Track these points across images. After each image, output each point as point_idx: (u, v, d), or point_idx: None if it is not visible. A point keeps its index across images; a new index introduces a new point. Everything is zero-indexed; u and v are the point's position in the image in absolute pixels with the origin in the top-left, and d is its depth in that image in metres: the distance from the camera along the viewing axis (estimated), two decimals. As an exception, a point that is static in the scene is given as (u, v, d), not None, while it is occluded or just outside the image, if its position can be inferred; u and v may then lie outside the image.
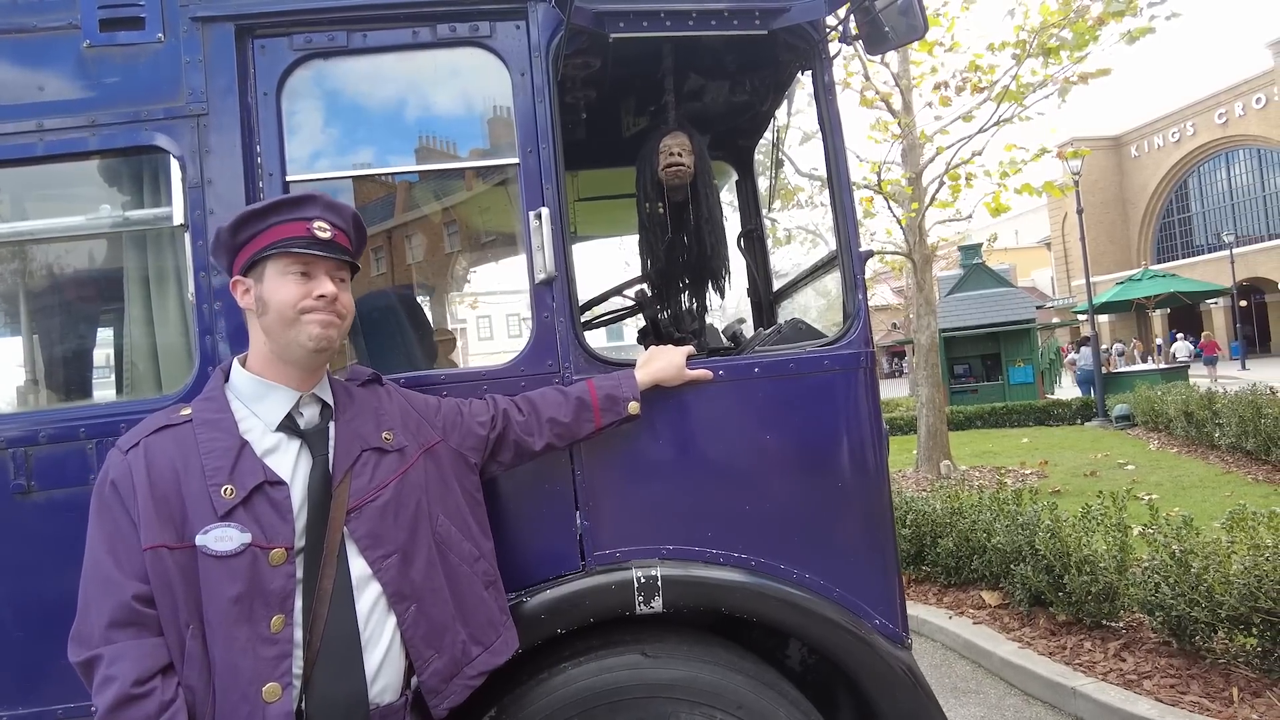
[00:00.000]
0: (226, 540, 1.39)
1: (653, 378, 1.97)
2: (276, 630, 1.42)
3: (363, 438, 1.62)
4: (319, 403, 1.62)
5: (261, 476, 1.47)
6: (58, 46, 1.98)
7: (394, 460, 1.64)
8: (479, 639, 1.71)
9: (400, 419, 1.72)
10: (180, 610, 1.39)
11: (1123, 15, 8.45)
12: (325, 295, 1.53)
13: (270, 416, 1.55)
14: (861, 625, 2.05)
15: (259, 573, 1.41)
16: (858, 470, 2.09)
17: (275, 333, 1.53)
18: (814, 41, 2.21)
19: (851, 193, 2.22)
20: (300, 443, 1.55)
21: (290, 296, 1.51)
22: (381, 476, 1.61)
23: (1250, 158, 38.05)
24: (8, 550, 1.89)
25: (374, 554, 1.54)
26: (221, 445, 1.47)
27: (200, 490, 1.42)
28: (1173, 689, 3.64)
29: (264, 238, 1.53)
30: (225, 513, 1.41)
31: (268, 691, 1.39)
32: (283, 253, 1.52)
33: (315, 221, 1.54)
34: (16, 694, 1.89)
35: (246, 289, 1.56)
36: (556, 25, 2.04)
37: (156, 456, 1.45)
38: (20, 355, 2.34)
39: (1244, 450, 9.47)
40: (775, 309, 3.34)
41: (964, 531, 5.40)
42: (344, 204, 1.63)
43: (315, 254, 1.53)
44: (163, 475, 1.43)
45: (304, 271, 1.53)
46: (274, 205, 1.55)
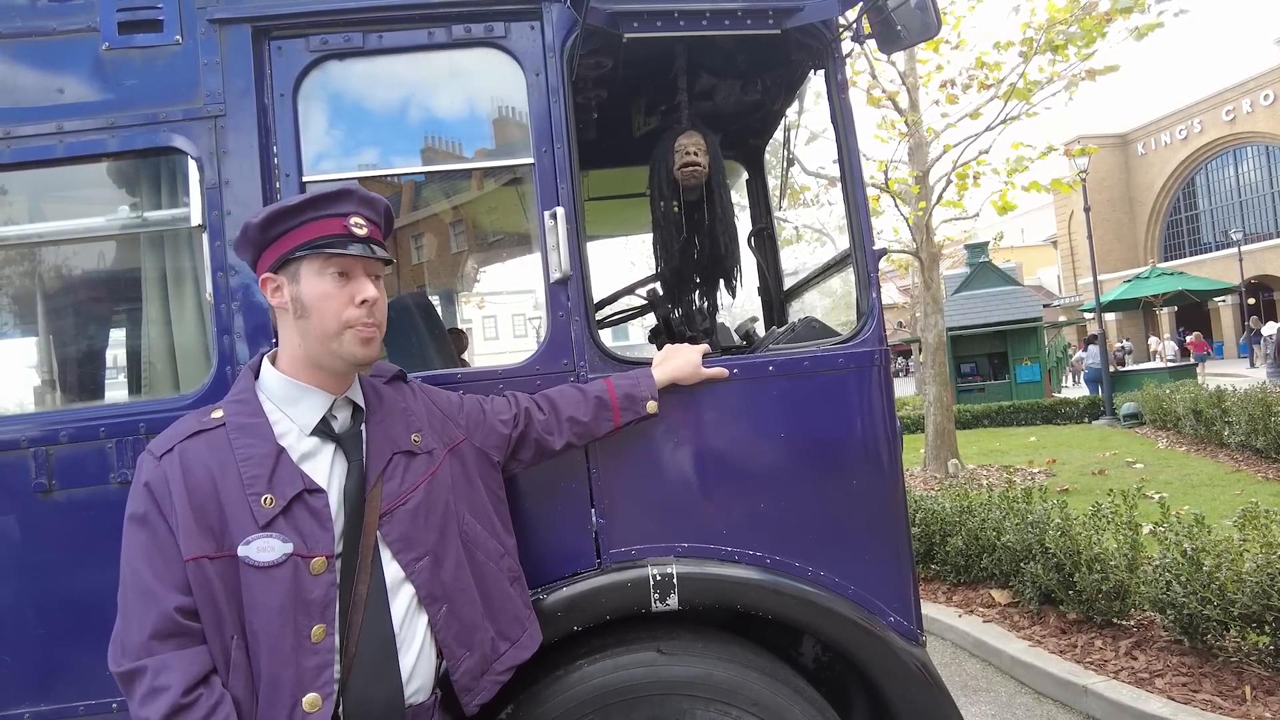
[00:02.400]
0: (269, 551, 1.37)
1: (670, 376, 1.97)
2: (318, 640, 1.40)
3: (393, 441, 1.60)
4: (351, 405, 1.59)
5: (301, 485, 1.44)
6: (77, 49, 2.00)
7: (423, 462, 1.63)
8: (506, 634, 1.72)
9: (427, 418, 1.72)
10: (225, 621, 1.37)
11: (1130, 12, 8.44)
12: (368, 300, 1.49)
13: (304, 420, 1.51)
14: (876, 622, 2.05)
15: (301, 582, 1.40)
16: (872, 468, 2.09)
17: (314, 339, 1.49)
18: (827, 40, 2.21)
19: (865, 190, 2.22)
20: (335, 447, 1.53)
21: (335, 307, 1.47)
22: (411, 479, 1.60)
23: (1258, 155, 37.84)
24: (30, 548, 1.91)
25: (406, 557, 1.54)
26: (258, 452, 1.43)
27: (239, 499, 1.39)
28: (1185, 687, 3.64)
29: (298, 234, 1.47)
30: (266, 523, 1.38)
31: (308, 702, 1.38)
32: (319, 253, 1.47)
33: (352, 217, 1.49)
34: (39, 690, 1.91)
35: (278, 286, 1.51)
36: (571, 26, 2.05)
37: (192, 464, 1.41)
38: (40, 355, 2.37)
39: (1254, 449, 9.42)
40: (786, 307, 3.35)
41: (973, 530, 5.40)
42: (377, 196, 1.58)
43: (355, 255, 1.48)
44: (199, 483, 1.40)
45: (342, 272, 1.49)
46: (309, 201, 1.48)
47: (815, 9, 2.11)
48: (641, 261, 19.39)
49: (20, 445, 1.92)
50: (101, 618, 1.92)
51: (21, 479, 1.92)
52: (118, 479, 1.93)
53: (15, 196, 2.15)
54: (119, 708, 1.92)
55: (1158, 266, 27.67)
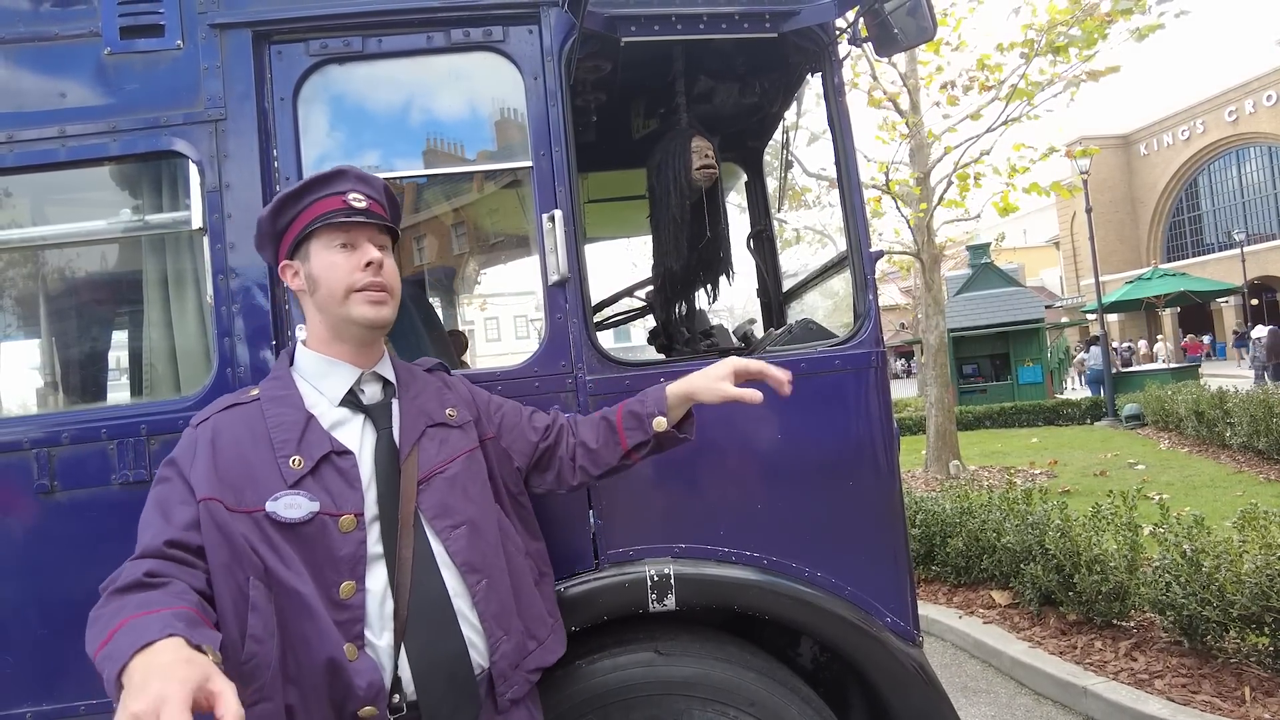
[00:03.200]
0: (296, 508, 1.42)
1: (683, 390, 1.74)
2: (347, 596, 1.43)
3: (427, 413, 1.64)
4: (380, 380, 1.64)
5: (328, 446, 1.50)
6: (79, 54, 2.01)
7: (460, 436, 1.67)
8: (533, 633, 1.70)
9: (463, 403, 1.75)
10: (241, 562, 1.38)
11: (1131, 13, 8.44)
12: (372, 262, 1.54)
13: (333, 392, 1.58)
14: (873, 623, 2.06)
15: (329, 539, 1.44)
16: (869, 469, 2.10)
17: (328, 309, 1.56)
18: (824, 44, 2.22)
19: (861, 193, 2.23)
20: (364, 417, 1.58)
21: (339, 274, 1.54)
22: (449, 451, 1.63)
23: (1261, 155, 37.81)
24: (32, 549, 1.92)
25: (442, 523, 1.55)
26: (289, 419, 1.51)
27: (269, 461, 1.46)
28: (1184, 689, 3.64)
29: (303, 217, 1.56)
30: (294, 482, 1.44)
31: (348, 650, 1.42)
32: (324, 226, 1.55)
33: (349, 193, 1.56)
34: (40, 690, 1.92)
35: (295, 271, 1.59)
36: (569, 29, 2.07)
37: (223, 431, 1.50)
38: (42, 357, 2.38)
39: (1256, 450, 9.42)
40: (785, 309, 3.36)
41: (974, 531, 5.40)
42: (373, 175, 1.64)
43: (355, 221, 1.55)
44: (228, 446, 1.47)
45: (346, 243, 1.56)
46: (308, 184, 1.57)
47: (812, 13, 2.12)
48: (644, 263, 19.42)
49: (22, 446, 1.94)
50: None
51: (23, 480, 1.93)
52: (119, 480, 1.94)
53: (18, 200, 2.16)
54: (120, 707, 1.93)
55: (1160, 267, 27.65)
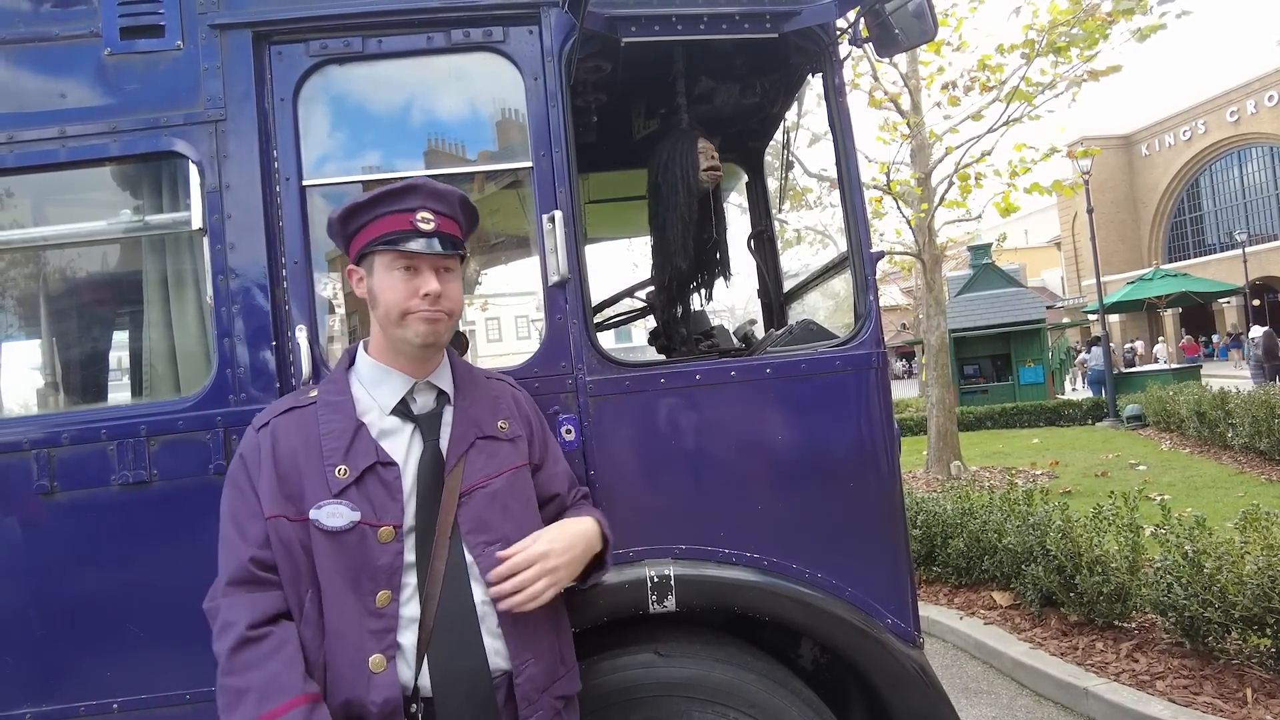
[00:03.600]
0: (337, 517, 1.46)
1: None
2: (382, 605, 1.47)
3: (478, 424, 1.64)
4: (434, 390, 1.64)
5: (374, 457, 1.52)
6: (79, 54, 2.02)
7: (509, 450, 1.65)
8: (565, 658, 1.67)
9: (518, 418, 1.72)
10: (301, 576, 1.48)
11: (1133, 13, 8.43)
12: (430, 294, 1.53)
13: (385, 400, 1.59)
14: (874, 624, 2.05)
15: (367, 549, 1.47)
16: (870, 470, 2.10)
17: (385, 328, 1.58)
18: (824, 44, 2.22)
19: (862, 194, 2.23)
20: (414, 427, 1.58)
21: (396, 298, 1.53)
22: (495, 465, 1.62)
23: (1263, 156, 37.75)
24: (32, 550, 1.92)
25: (476, 539, 1.55)
26: (339, 427, 1.54)
27: (317, 468, 1.50)
28: (1186, 690, 3.63)
29: (370, 230, 1.55)
30: (339, 491, 1.48)
31: (374, 663, 1.45)
32: (387, 249, 1.53)
33: (418, 213, 1.53)
34: (40, 691, 1.92)
35: (360, 278, 1.60)
36: (569, 30, 2.06)
37: (281, 437, 1.54)
38: (42, 358, 2.38)
39: (1257, 450, 9.40)
40: (785, 310, 3.36)
41: (975, 532, 5.40)
42: (449, 188, 1.61)
43: (413, 250, 1.52)
44: (285, 454, 1.52)
45: (409, 266, 1.54)
46: (378, 197, 1.54)
47: (812, 13, 2.12)
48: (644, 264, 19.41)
49: (22, 447, 1.94)
50: (102, 619, 1.94)
51: (23, 480, 1.93)
52: (119, 481, 1.94)
53: (18, 200, 2.16)
54: (119, 708, 1.93)
55: (1161, 268, 27.63)
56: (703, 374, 2.06)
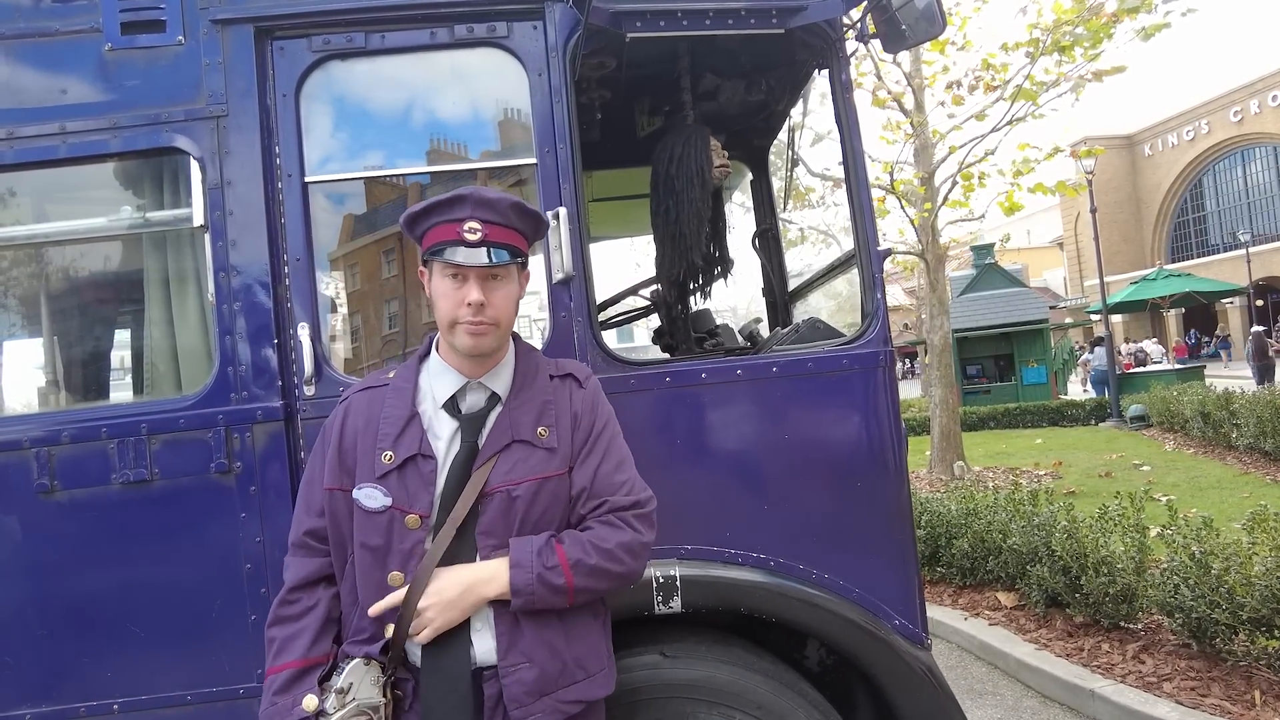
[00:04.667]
0: (373, 499, 1.56)
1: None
2: (394, 584, 1.56)
3: (516, 428, 1.62)
4: (486, 391, 1.65)
5: (417, 449, 1.59)
6: (79, 50, 2.00)
7: (542, 459, 1.60)
8: (583, 664, 1.62)
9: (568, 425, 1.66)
10: (346, 543, 1.61)
11: (1137, 12, 8.40)
12: (472, 303, 1.55)
13: (439, 395, 1.65)
14: (881, 625, 2.04)
15: (395, 531, 1.56)
16: (877, 470, 2.08)
17: (441, 331, 1.63)
18: (831, 40, 2.20)
19: (869, 191, 2.21)
20: (457, 425, 1.62)
21: (445, 305, 1.58)
22: (525, 471, 1.58)
23: (1266, 155, 37.65)
24: (32, 549, 1.91)
25: (485, 541, 1.56)
26: (396, 413, 1.62)
27: (370, 449, 1.59)
28: (1193, 691, 3.60)
29: (428, 238, 1.59)
30: (381, 475, 1.57)
31: (389, 630, 1.55)
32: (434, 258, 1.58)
33: (466, 223, 1.54)
34: (40, 691, 1.90)
35: (427, 279, 1.65)
36: (574, 25, 2.05)
37: (352, 413, 1.65)
38: (43, 356, 2.37)
39: (1262, 451, 9.37)
40: (790, 309, 3.33)
41: (979, 532, 5.37)
42: (499, 196, 1.58)
43: (456, 262, 1.54)
44: (351, 430, 1.63)
45: (456, 274, 1.57)
46: (429, 208, 1.57)
47: (819, 8, 2.10)
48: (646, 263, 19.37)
49: (22, 445, 1.92)
50: (102, 619, 1.92)
51: (23, 479, 1.91)
52: (119, 480, 1.93)
53: (18, 197, 2.15)
54: (120, 709, 1.91)
55: (1165, 268, 27.55)
56: (709, 373, 2.04)
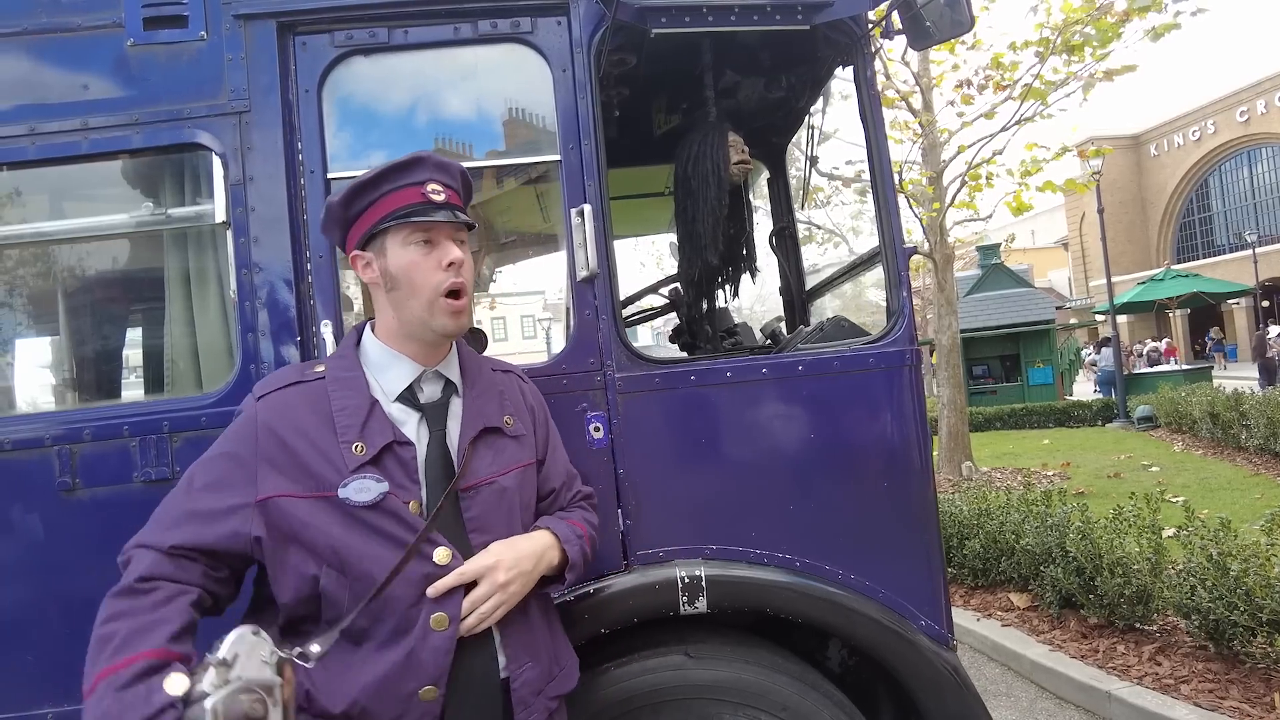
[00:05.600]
0: (366, 491, 1.41)
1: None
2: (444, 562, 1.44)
3: (484, 416, 1.58)
4: (442, 379, 1.58)
5: (391, 436, 1.47)
6: (101, 45, 1.99)
7: (515, 448, 1.60)
8: (559, 659, 1.64)
9: (526, 414, 1.68)
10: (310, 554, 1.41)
11: (1147, 11, 8.36)
12: (455, 262, 1.49)
13: (391, 387, 1.53)
14: (907, 626, 2.02)
15: (401, 516, 1.43)
16: (903, 469, 2.06)
17: (406, 309, 1.50)
18: (856, 36, 2.18)
19: (894, 188, 2.19)
20: (420, 416, 1.53)
21: (423, 273, 1.48)
22: (504, 462, 1.57)
23: (1273, 156, 37.47)
24: (54, 547, 1.90)
25: (479, 537, 1.51)
26: (353, 404, 1.47)
27: (331, 445, 1.43)
28: (1211, 694, 3.58)
29: (378, 208, 1.49)
30: (356, 467, 1.42)
31: (435, 620, 1.42)
32: (403, 223, 1.48)
33: (428, 184, 1.49)
34: (62, 691, 1.89)
35: (367, 263, 1.53)
36: (598, 20, 2.03)
37: (289, 409, 1.47)
38: (65, 354, 2.36)
39: (1272, 452, 9.32)
40: (808, 307, 3.32)
41: (992, 533, 5.35)
42: (451, 160, 1.57)
43: (436, 220, 1.48)
44: (292, 431, 1.44)
45: (427, 240, 1.49)
46: (384, 173, 1.49)
47: (845, 4, 2.08)
48: (651, 263, 19.34)
49: (44, 443, 1.91)
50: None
51: (45, 477, 1.90)
52: (141, 478, 1.92)
53: (40, 193, 2.14)
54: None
55: (1172, 268, 27.46)
56: (734, 371, 2.03)
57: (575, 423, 1.98)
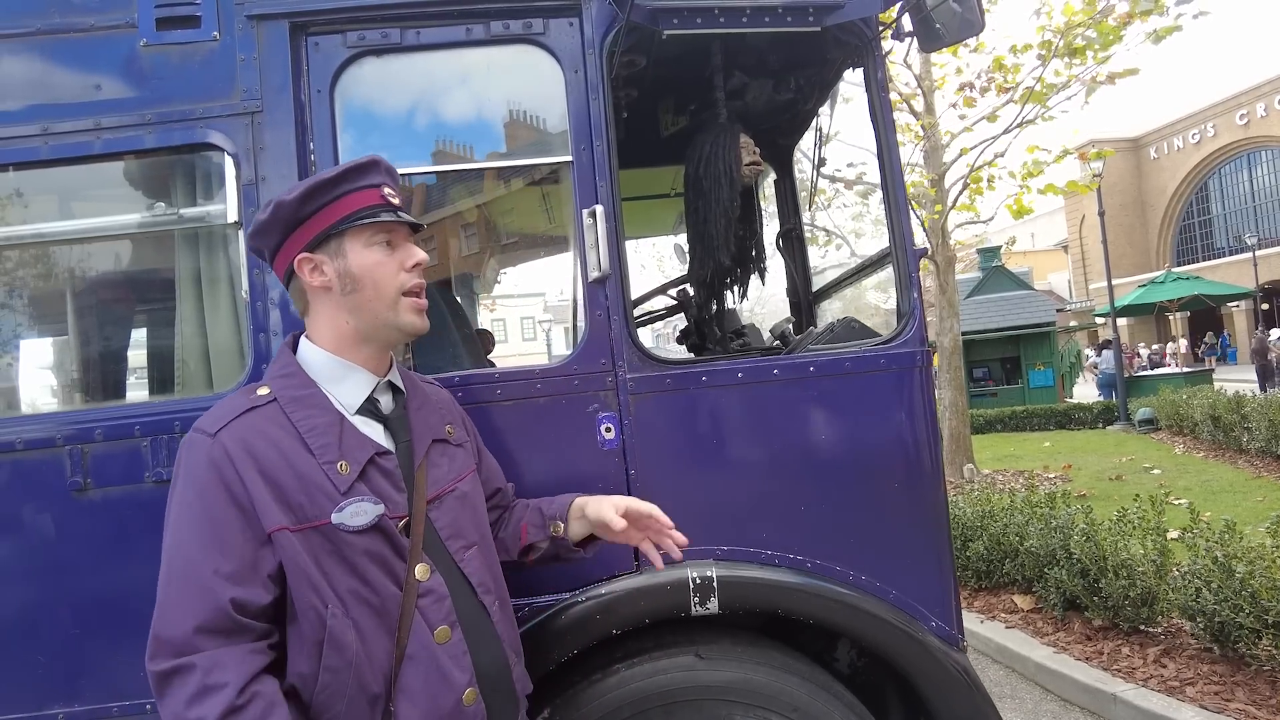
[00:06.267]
0: (362, 514, 1.35)
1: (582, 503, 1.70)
2: (424, 578, 1.41)
3: (431, 428, 1.57)
4: (392, 389, 1.55)
5: (371, 449, 1.42)
6: (114, 45, 1.99)
7: (463, 455, 1.62)
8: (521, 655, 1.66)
9: (458, 423, 1.70)
10: (320, 589, 1.31)
11: (1149, 14, 8.37)
12: (420, 263, 1.48)
13: (350, 399, 1.46)
14: (918, 627, 2.02)
15: (393, 539, 1.39)
16: (914, 470, 2.06)
17: (367, 311, 1.45)
18: (867, 38, 2.19)
19: (905, 190, 2.19)
20: (383, 427, 1.49)
21: (386, 274, 1.45)
22: (458, 469, 1.58)
23: (1273, 159, 37.53)
24: (66, 547, 1.90)
25: (455, 544, 1.51)
26: (321, 421, 1.39)
27: (313, 469, 1.34)
28: (1217, 696, 3.58)
29: (336, 209, 1.44)
30: (347, 489, 1.35)
31: (439, 634, 1.39)
32: (367, 224, 1.45)
33: (384, 187, 1.48)
34: (73, 691, 1.89)
35: (316, 265, 1.45)
36: (610, 22, 2.03)
37: (254, 438, 1.34)
38: (76, 353, 2.36)
39: (1274, 455, 9.33)
40: (814, 309, 3.32)
41: (995, 535, 5.35)
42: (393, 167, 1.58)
43: (401, 220, 1.47)
44: (267, 456, 1.33)
45: (390, 240, 1.48)
46: (345, 173, 1.46)
47: (857, 6, 2.08)
48: (651, 265, 19.32)
49: (55, 443, 1.91)
50: (135, 617, 1.90)
51: (57, 477, 1.90)
52: (153, 478, 1.91)
53: (52, 193, 2.14)
54: (153, 709, 1.89)
55: (1173, 271, 27.47)
56: (745, 372, 2.03)
57: (586, 424, 1.98)
